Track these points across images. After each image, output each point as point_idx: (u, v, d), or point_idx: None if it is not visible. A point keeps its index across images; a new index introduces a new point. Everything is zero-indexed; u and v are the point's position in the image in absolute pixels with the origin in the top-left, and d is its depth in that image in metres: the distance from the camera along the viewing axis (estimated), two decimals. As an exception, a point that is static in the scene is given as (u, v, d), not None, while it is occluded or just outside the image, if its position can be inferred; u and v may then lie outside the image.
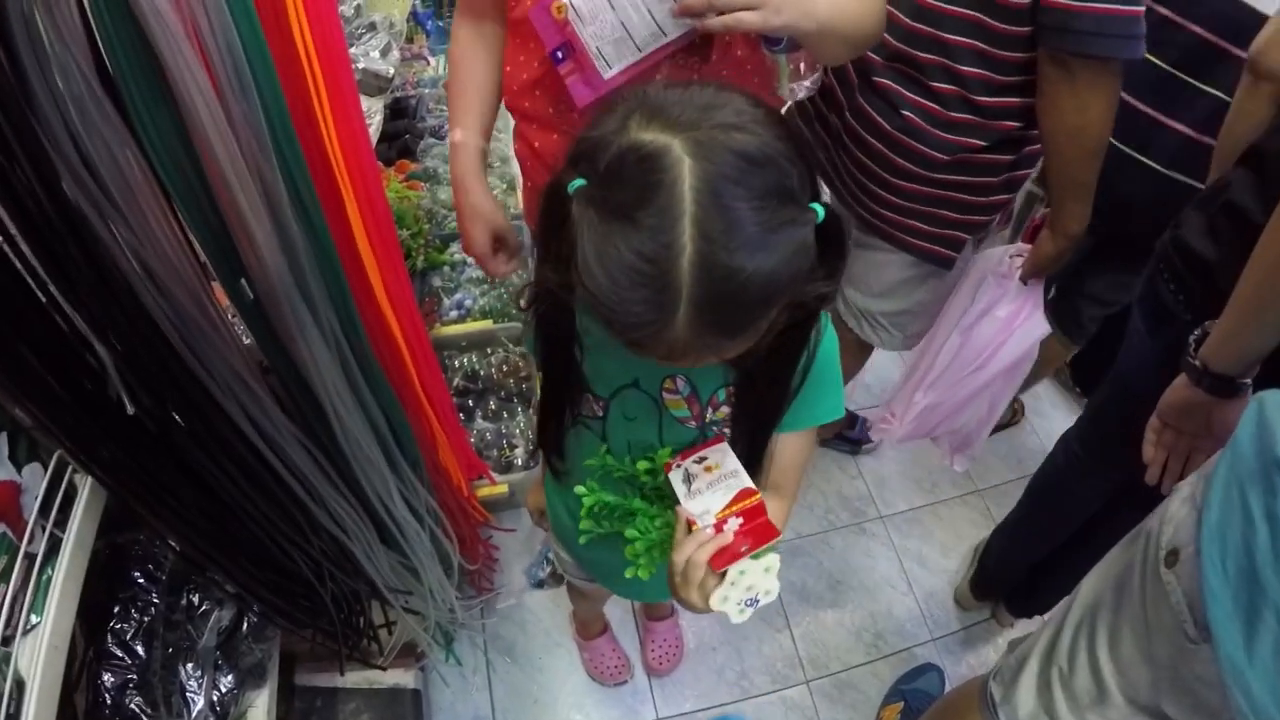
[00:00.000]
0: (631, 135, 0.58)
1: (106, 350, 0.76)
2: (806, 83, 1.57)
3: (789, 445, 0.87)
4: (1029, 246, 1.43)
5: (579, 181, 0.60)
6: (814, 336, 0.78)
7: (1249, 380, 0.96)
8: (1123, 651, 0.93)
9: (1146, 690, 0.91)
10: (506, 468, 1.80)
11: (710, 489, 0.75)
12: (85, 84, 0.64)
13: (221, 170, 0.69)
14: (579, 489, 0.84)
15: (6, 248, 0.68)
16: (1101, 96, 1.14)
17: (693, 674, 1.74)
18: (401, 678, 1.54)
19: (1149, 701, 0.92)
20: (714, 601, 0.72)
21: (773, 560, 0.73)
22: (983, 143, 1.28)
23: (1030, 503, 1.70)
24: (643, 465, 0.82)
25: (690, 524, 0.73)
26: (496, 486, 1.68)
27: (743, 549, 0.71)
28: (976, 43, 1.17)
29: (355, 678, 1.51)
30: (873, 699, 1.74)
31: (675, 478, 0.77)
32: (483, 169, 1.15)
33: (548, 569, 1.80)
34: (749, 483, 0.76)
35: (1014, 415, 2.35)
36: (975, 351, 1.51)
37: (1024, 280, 1.45)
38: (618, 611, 1.80)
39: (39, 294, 0.73)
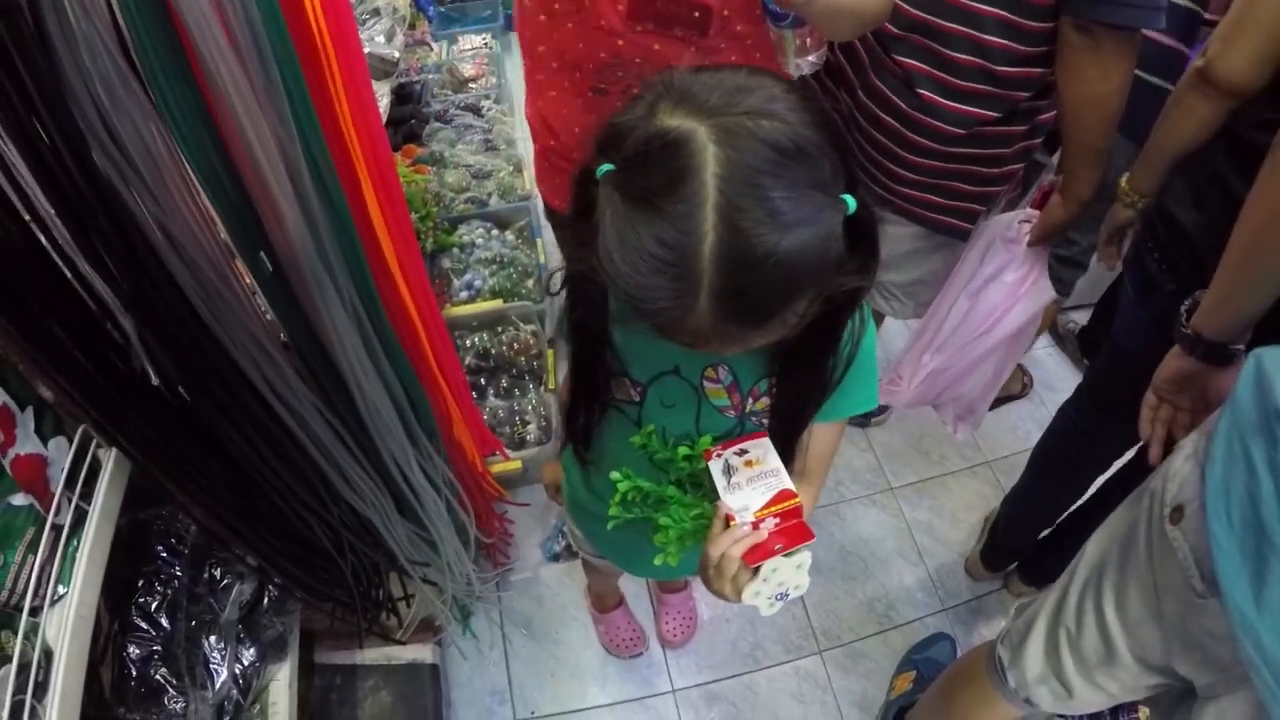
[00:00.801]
0: (658, 121, 0.58)
1: (132, 321, 0.78)
2: (811, 58, 1.55)
3: (821, 435, 0.87)
4: (1037, 212, 1.44)
5: (606, 166, 0.59)
6: (855, 326, 0.77)
7: (1241, 347, 0.97)
8: (1130, 611, 0.94)
9: (1156, 649, 0.92)
10: (520, 444, 1.82)
11: (750, 485, 0.75)
12: (111, 61, 0.65)
13: (248, 142, 0.70)
14: (614, 475, 0.82)
15: (34, 225, 0.70)
16: (1123, 65, 1.15)
17: (707, 645, 1.76)
18: (420, 653, 1.56)
19: (1159, 661, 0.93)
20: (746, 595, 0.74)
21: (805, 558, 0.74)
22: (997, 114, 1.29)
23: (1034, 472, 1.72)
24: (683, 450, 0.81)
25: (728, 519, 0.74)
26: (510, 462, 1.70)
27: (776, 547, 0.72)
28: (1005, 13, 1.18)
29: (374, 654, 1.54)
30: (885, 668, 1.76)
31: (715, 467, 0.77)
32: None
33: (563, 543, 1.82)
34: (789, 484, 0.76)
35: (1022, 388, 2.36)
36: (983, 316, 1.52)
37: (1031, 244, 1.46)
38: (632, 585, 1.82)
39: (65, 270, 0.74)
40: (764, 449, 0.79)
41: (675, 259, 0.55)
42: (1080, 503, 1.66)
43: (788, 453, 0.85)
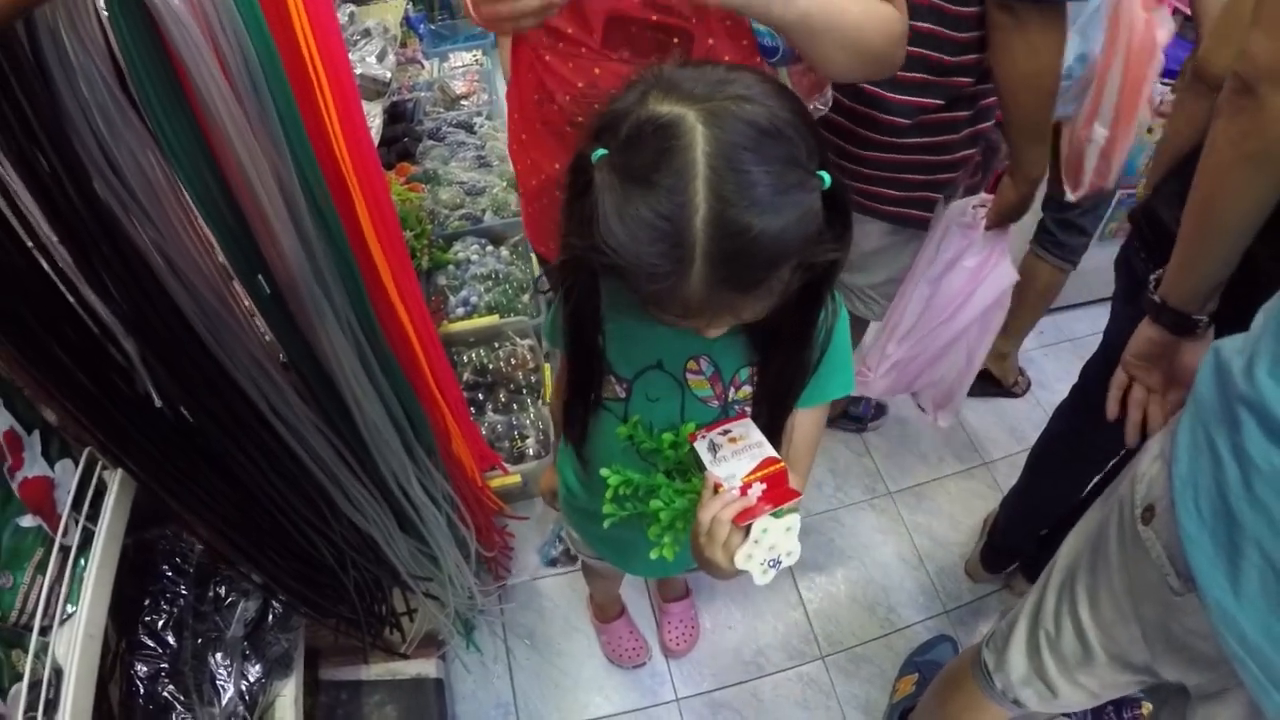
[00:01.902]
0: (649, 107, 0.63)
1: (134, 344, 0.80)
2: (816, 101, 1.38)
3: (803, 422, 0.90)
4: (991, 196, 1.45)
5: (601, 151, 0.64)
6: (829, 312, 0.81)
7: (1205, 318, 0.98)
8: (1103, 613, 0.95)
9: (1135, 649, 0.93)
10: (518, 458, 1.83)
11: (735, 457, 0.78)
12: (108, 91, 0.68)
13: (244, 170, 0.72)
14: (603, 471, 0.84)
15: (36, 252, 0.72)
16: (1051, 39, 1.17)
17: (709, 654, 1.77)
18: (424, 667, 1.57)
19: (1139, 660, 0.94)
20: (739, 559, 0.75)
21: (794, 520, 0.76)
22: (940, 101, 1.30)
23: (1031, 473, 1.73)
24: (667, 438, 0.84)
25: (716, 487, 0.76)
26: (509, 477, 1.72)
27: (765, 508, 0.74)
28: (936, 0, 1.20)
29: (378, 669, 1.55)
30: (888, 672, 1.76)
31: (700, 446, 0.79)
32: None
33: (560, 547, 1.83)
34: (773, 452, 0.78)
35: (1015, 384, 2.37)
36: (945, 302, 1.55)
37: (988, 229, 1.47)
38: (633, 595, 1.83)
39: (68, 295, 0.76)
40: (746, 427, 0.81)
41: (671, 228, 0.60)
42: (1081, 500, 1.67)
43: (774, 440, 0.86)
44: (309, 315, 0.88)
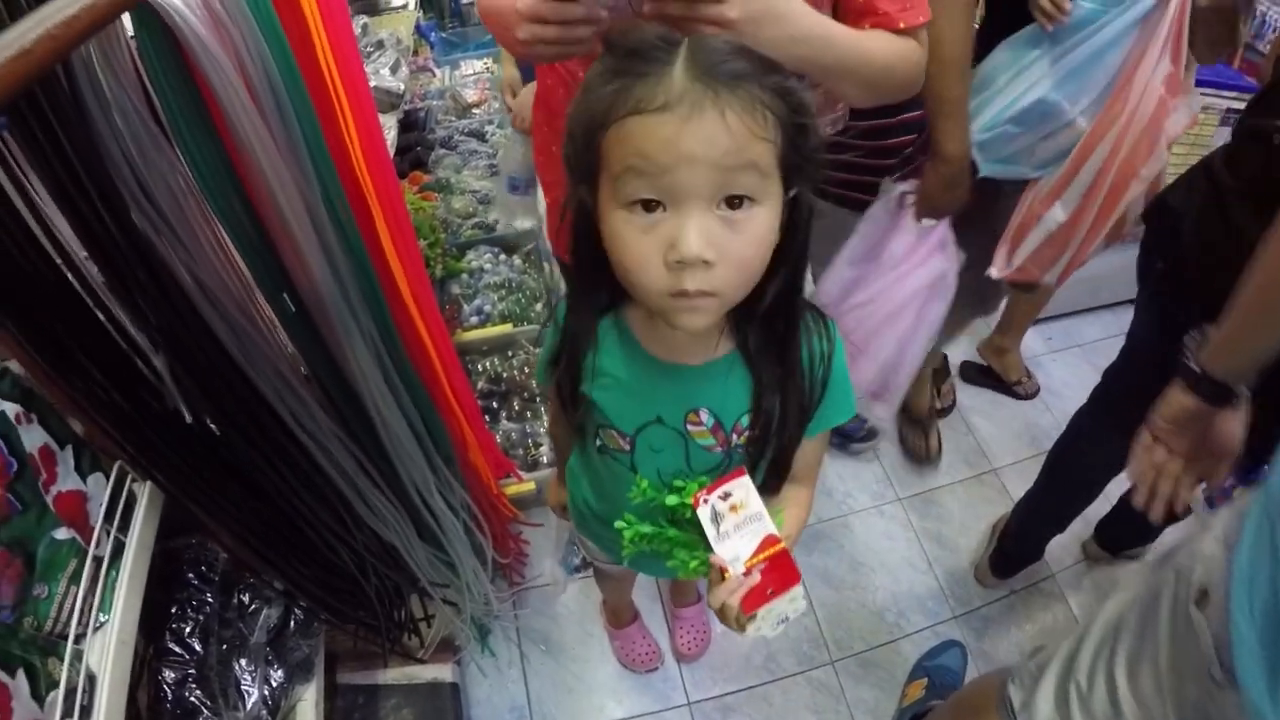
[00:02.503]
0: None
1: (164, 361, 0.82)
2: (826, 121, 1.36)
3: (806, 449, 0.92)
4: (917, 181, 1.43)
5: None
6: (823, 348, 0.85)
7: (1246, 390, 0.96)
8: (1142, 684, 0.92)
9: None
10: (533, 466, 1.86)
11: (738, 532, 0.81)
12: (141, 122, 0.70)
13: (271, 190, 0.75)
14: (618, 524, 0.87)
15: (68, 271, 0.75)
16: (945, 8, 1.14)
17: (721, 658, 1.79)
18: (439, 672, 1.60)
19: None
20: (749, 633, 0.80)
21: (797, 591, 0.80)
22: None
23: (1047, 476, 1.75)
24: (672, 500, 0.85)
25: (723, 571, 0.79)
26: (524, 484, 1.74)
27: (769, 592, 0.78)
28: None
29: (395, 674, 1.57)
30: (898, 677, 1.78)
31: (704, 516, 0.82)
32: None
33: (579, 555, 1.84)
34: (772, 527, 0.81)
35: (1021, 385, 2.38)
36: (869, 287, 1.50)
37: (918, 217, 1.44)
38: (646, 600, 1.85)
39: (101, 316, 0.79)
40: (745, 490, 0.83)
41: (650, 54, 0.66)
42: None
43: (782, 470, 0.90)
44: (335, 330, 0.90)
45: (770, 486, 0.89)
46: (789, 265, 0.78)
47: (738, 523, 0.81)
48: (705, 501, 0.82)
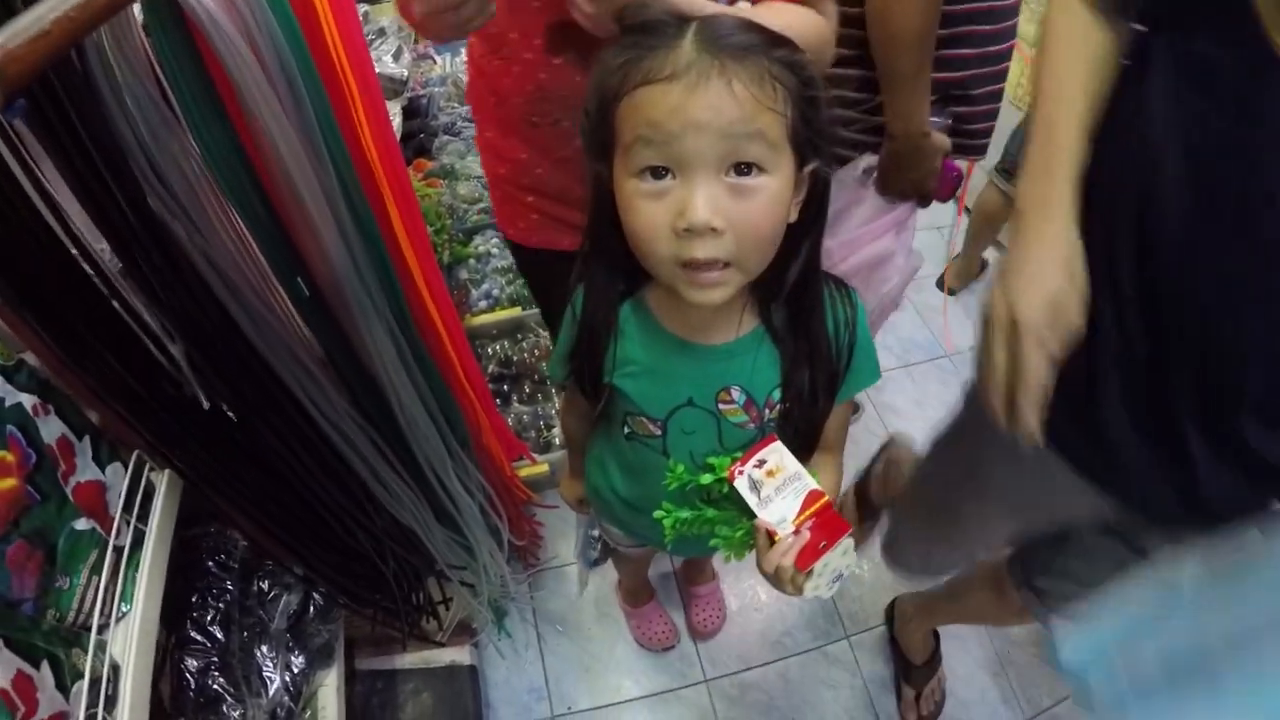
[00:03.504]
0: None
1: (182, 348, 0.82)
2: None
3: (836, 412, 0.92)
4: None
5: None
6: (846, 313, 0.85)
7: None
8: None
9: None
10: (545, 448, 1.86)
11: (779, 495, 0.80)
12: (153, 105, 0.70)
13: (286, 172, 0.74)
14: (657, 514, 0.88)
15: (82, 260, 0.74)
16: None
17: (737, 635, 1.80)
18: (457, 655, 1.61)
19: None
20: (807, 592, 0.79)
21: (848, 542, 0.79)
22: (848, 51, 1.22)
23: None
24: (706, 479, 0.85)
25: (771, 535, 0.79)
26: (537, 466, 1.74)
27: (821, 545, 0.77)
28: None
29: (413, 658, 1.58)
30: (913, 651, 1.79)
31: (742, 487, 0.81)
32: None
33: (598, 548, 1.82)
34: (813, 483, 0.81)
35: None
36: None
37: (880, 192, 1.37)
38: (661, 579, 1.85)
39: (115, 304, 0.79)
40: (779, 454, 0.83)
41: (661, 29, 0.67)
42: None
43: (813, 442, 0.90)
44: (352, 313, 0.90)
45: (802, 457, 0.88)
46: (810, 240, 0.78)
47: (777, 486, 0.81)
48: (741, 473, 0.82)
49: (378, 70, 1.79)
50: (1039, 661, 1.81)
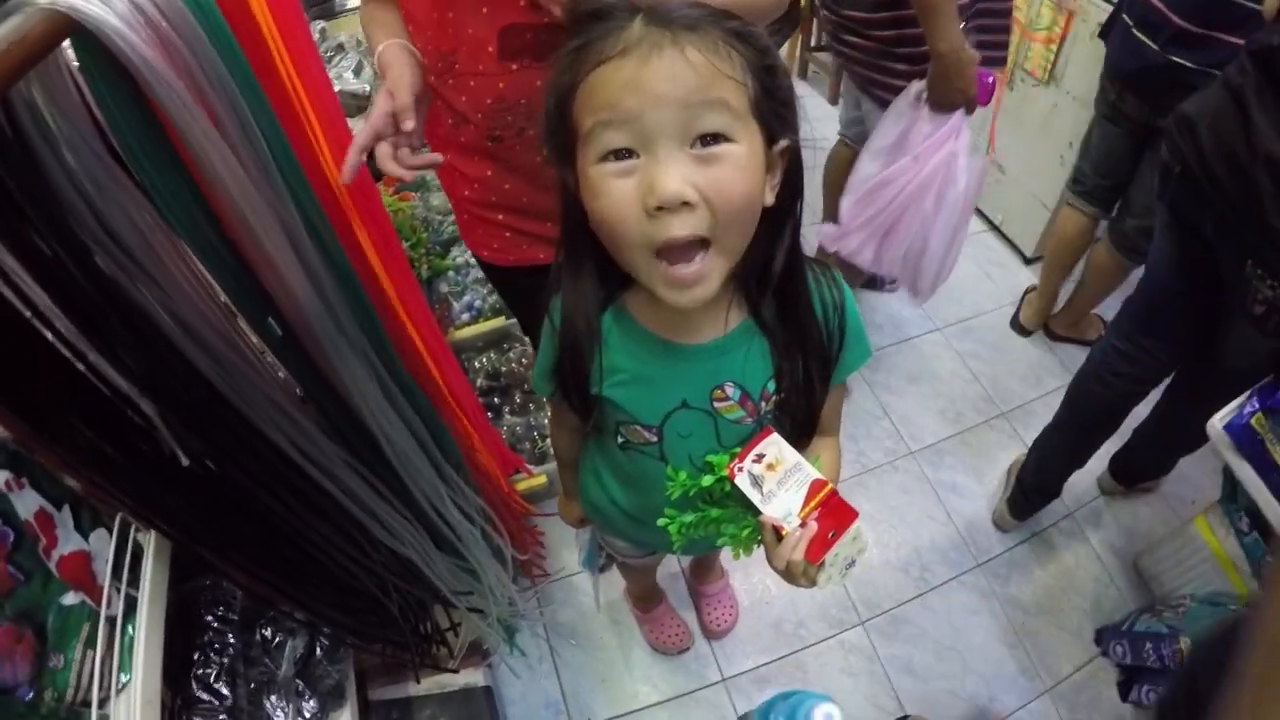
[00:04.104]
0: None
1: (154, 406, 0.78)
2: None
3: (831, 396, 0.90)
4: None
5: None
6: (833, 296, 0.83)
7: None
8: None
9: None
10: (541, 458, 1.83)
11: (782, 488, 0.79)
12: (95, 157, 0.66)
13: (243, 217, 0.71)
14: (660, 521, 0.86)
15: (41, 325, 0.70)
16: None
17: (751, 631, 1.78)
18: (471, 677, 1.58)
19: None
20: (820, 583, 0.78)
21: (857, 527, 0.78)
22: None
23: (1069, 409, 1.76)
24: (708, 480, 0.83)
25: (778, 530, 0.77)
26: (535, 478, 1.71)
27: (830, 535, 0.76)
28: None
29: (427, 683, 1.55)
30: (928, 632, 1.78)
31: (743, 484, 0.79)
32: (409, 57, 1.04)
33: (603, 555, 1.79)
34: (815, 472, 0.79)
35: (1098, 336, 2.36)
36: (892, 174, 1.67)
37: (932, 109, 1.61)
38: (670, 580, 1.83)
39: (79, 365, 0.75)
40: (777, 446, 0.81)
41: (606, 14, 0.65)
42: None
43: (811, 429, 0.88)
44: (325, 349, 0.86)
45: (801, 444, 0.86)
46: (791, 224, 0.76)
47: (779, 479, 0.79)
48: (741, 470, 0.80)
49: (338, 87, 1.74)
50: (1056, 629, 1.80)
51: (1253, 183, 1.14)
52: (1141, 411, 1.73)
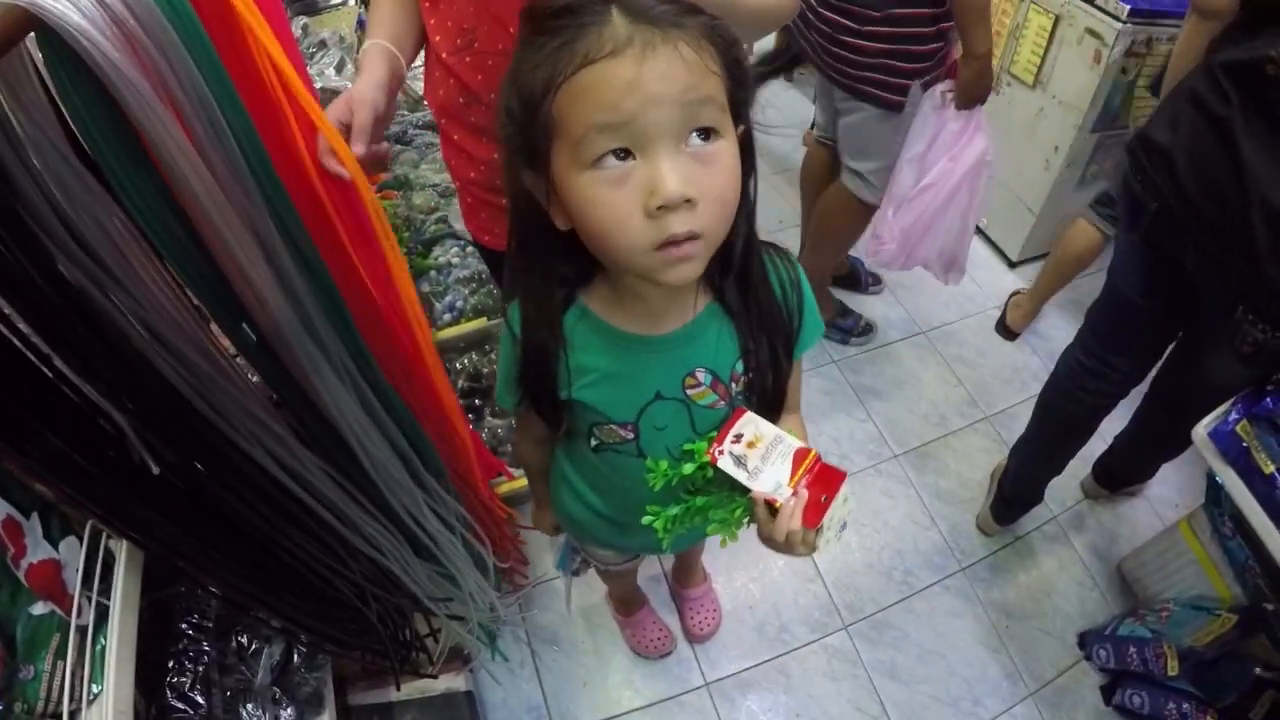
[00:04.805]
0: None
1: (123, 415, 0.76)
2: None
3: (794, 370, 0.92)
4: (953, 81, 1.72)
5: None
6: (789, 273, 0.86)
7: None
8: None
9: None
10: (523, 461, 1.81)
11: (767, 463, 0.79)
12: (63, 160, 0.64)
13: (213, 223, 0.69)
14: (645, 519, 0.86)
15: (8, 332, 0.68)
16: None
17: (734, 635, 1.77)
18: (453, 682, 1.57)
19: None
20: (820, 547, 0.79)
21: (845, 490, 0.79)
22: None
23: (1041, 420, 1.75)
24: (689, 468, 0.83)
25: (770, 503, 0.77)
26: (516, 481, 1.70)
27: (823, 499, 0.77)
28: None
29: (408, 689, 1.53)
30: (912, 636, 1.78)
31: (726, 465, 0.79)
32: (384, 60, 1.05)
33: (578, 559, 1.77)
34: (797, 442, 0.80)
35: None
36: (932, 176, 1.79)
37: (959, 107, 1.72)
38: (652, 584, 1.83)
39: (46, 371, 0.73)
40: (754, 423, 0.82)
41: (579, 9, 0.63)
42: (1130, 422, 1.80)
43: (779, 404, 0.90)
44: (298, 359, 0.84)
45: (771, 420, 0.86)
46: (747, 203, 0.76)
47: (762, 454, 0.79)
48: (722, 452, 0.80)
49: (320, 85, 1.73)
50: (1039, 633, 1.81)
51: (1246, 227, 1.08)
52: (1123, 416, 1.74)
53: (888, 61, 1.67)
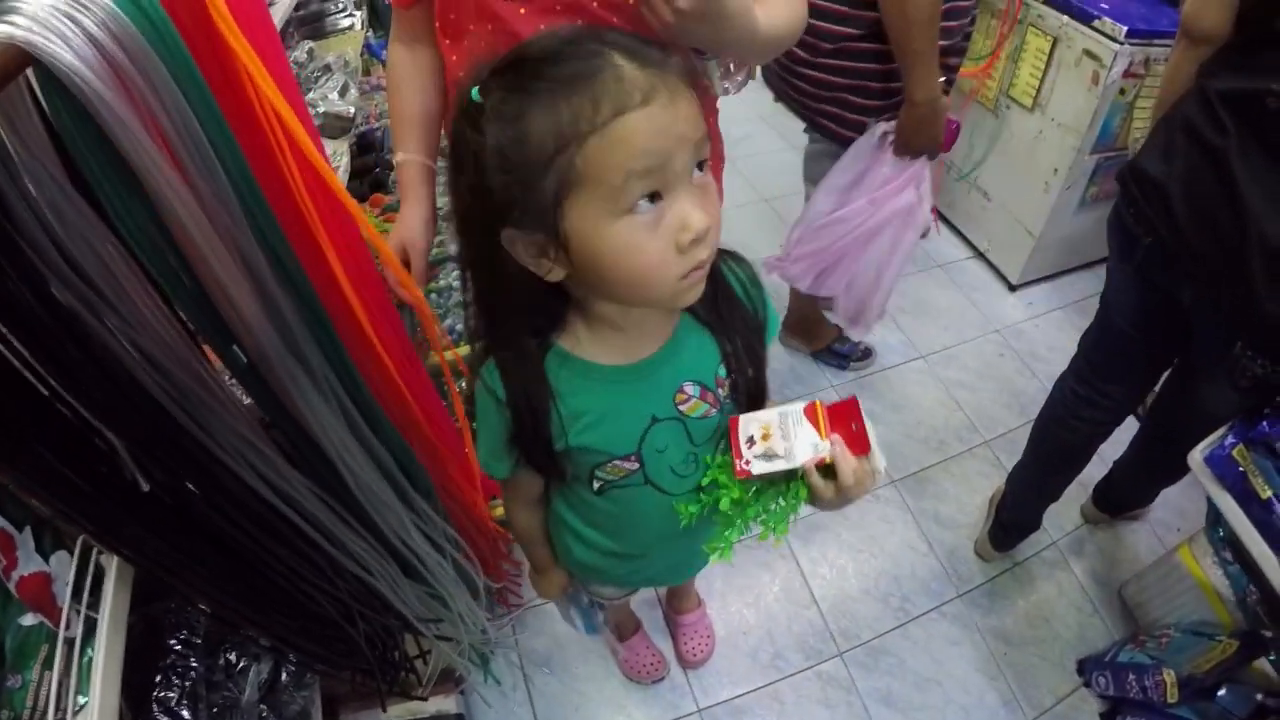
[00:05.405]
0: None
1: (115, 434, 0.78)
2: (739, 78, 1.76)
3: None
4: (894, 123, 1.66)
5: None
6: (747, 272, 0.90)
7: None
8: None
9: None
10: (519, 483, 1.82)
11: (790, 438, 0.79)
12: (58, 188, 0.66)
13: (199, 251, 0.71)
14: (713, 557, 0.85)
15: (6, 352, 0.70)
16: None
17: (727, 661, 1.77)
18: (443, 704, 1.56)
19: None
20: (881, 469, 0.80)
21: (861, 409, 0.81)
22: (856, 31, 1.51)
23: (1036, 447, 1.74)
24: (724, 502, 0.83)
25: (820, 463, 0.77)
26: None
27: (854, 427, 0.78)
28: None
29: (398, 710, 1.53)
30: (907, 663, 1.77)
31: (761, 469, 0.79)
32: (425, 183, 1.11)
33: (600, 614, 1.53)
34: (799, 404, 0.81)
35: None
36: (849, 212, 1.73)
37: (897, 154, 1.65)
38: (645, 609, 1.83)
39: (41, 389, 0.75)
40: (753, 420, 0.82)
41: (580, 61, 0.64)
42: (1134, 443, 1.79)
43: (761, 396, 0.91)
44: (284, 385, 0.86)
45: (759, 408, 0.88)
46: None
47: (782, 434, 0.79)
48: (748, 463, 0.80)
49: (323, 109, 1.76)
50: (1038, 660, 1.79)
51: (1244, 264, 1.06)
52: (1122, 439, 1.74)
53: (843, 95, 1.65)
